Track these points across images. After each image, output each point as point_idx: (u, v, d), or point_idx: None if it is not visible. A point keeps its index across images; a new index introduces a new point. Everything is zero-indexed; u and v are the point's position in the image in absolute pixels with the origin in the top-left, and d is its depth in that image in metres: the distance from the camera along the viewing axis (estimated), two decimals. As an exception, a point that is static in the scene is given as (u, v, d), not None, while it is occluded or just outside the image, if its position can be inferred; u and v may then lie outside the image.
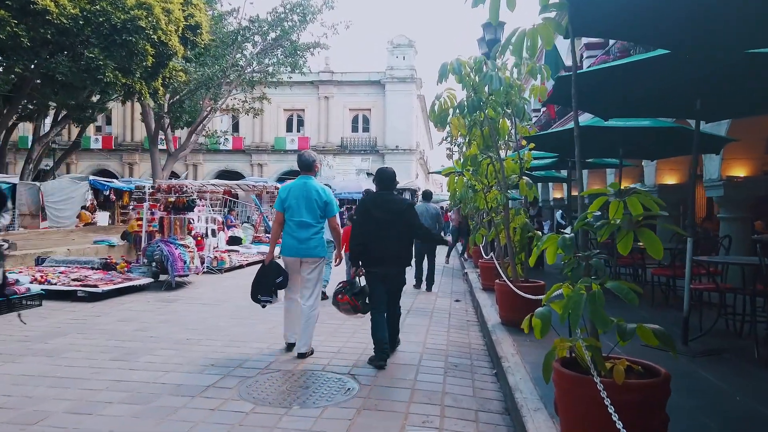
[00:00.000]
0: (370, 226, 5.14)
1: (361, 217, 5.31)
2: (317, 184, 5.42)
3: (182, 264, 9.09)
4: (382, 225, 5.11)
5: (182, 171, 45.70)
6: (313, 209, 5.29)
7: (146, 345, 5.57)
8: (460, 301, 8.99)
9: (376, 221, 5.13)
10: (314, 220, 5.30)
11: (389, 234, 5.12)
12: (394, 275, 5.29)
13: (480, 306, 7.61)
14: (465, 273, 12.02)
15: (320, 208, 5.32)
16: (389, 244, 5.12)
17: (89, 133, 46.88)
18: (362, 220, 5.25)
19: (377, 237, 5.10)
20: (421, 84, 47.03)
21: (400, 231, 5.18)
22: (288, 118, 46.26)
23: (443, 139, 9.39)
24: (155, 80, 14.04)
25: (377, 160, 44.38)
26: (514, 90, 5.66)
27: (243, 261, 12.78)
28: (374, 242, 5.10)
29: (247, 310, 7.46)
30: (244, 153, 45.48)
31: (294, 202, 5.28)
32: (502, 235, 6.26)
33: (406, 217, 5.21)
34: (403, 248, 5.29)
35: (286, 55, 21.90)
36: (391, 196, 5.33)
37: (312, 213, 5.29)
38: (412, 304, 8.42)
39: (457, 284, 11.27)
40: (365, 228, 5.17)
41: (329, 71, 45.41)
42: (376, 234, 5.10)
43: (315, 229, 5.30)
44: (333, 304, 5.35)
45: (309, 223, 5.27)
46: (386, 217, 5.13)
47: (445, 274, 13.01)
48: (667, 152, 8.71)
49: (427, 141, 64.57)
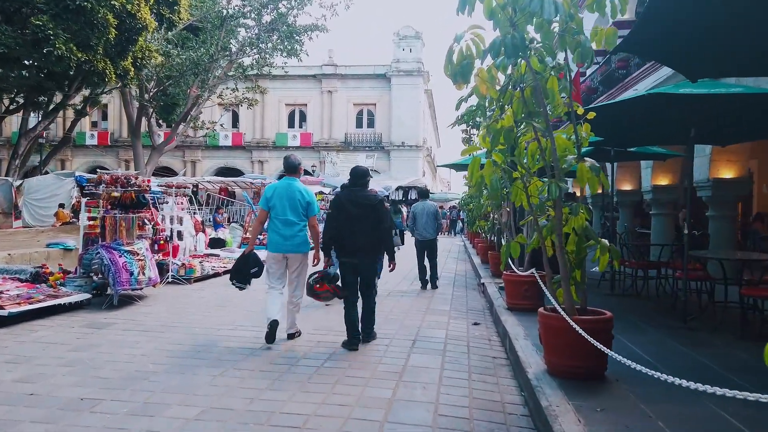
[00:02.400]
0: (344, 219, 5.50)
1: (335, 210, 5.64)
2: (301, 186, 5.83)
3: (128, 276, 7.19)
4: (355, 218, 5.47)
5: (180, 168, 44.02)
6: (297, 208, 5.69)
7: (5, 416, 3.64)
8: (480, 325, 7.04)
9: (350, 215, 5.48)
10: (298, 219, 5.70)
11: (362, 226, 5.47)
12: (366, 265, 5.63)
13: (510, 337, 5.65)
14: (482, 284, 10.05)
15: (303, 208, 5.73)
16: (362, 236, 5.47)
17: (84, 128, 45.31)
18: (336, 214, 5.59)
19: (351, 229, 5.46)
20: (429, 77, 45.01)
21: (372, 224, 5.51)
22: (290, 113, 44.43)
23: (458, 119, 7.42)
24: (123, 59, 12.17)
25: (382, 156, 42.48)
26: (576, 23, 3.70)
27: (220, 268, 10.86)
28: (347, 234, 5.48)
29: (198, 342, 5.55)
30: (245, 149, 43.71)
31: (279, 201, 5.68)
32: (549, 242, 4.29)
33: (377, 211, 5.53)
34: (375, 240, 5.58)
35: (282, 39, 19.97)
36: (363, 191, 5.64)
37: (296, 212, 5.69)
38: (418, 329, 6.49)
39: (472, 297, 9.31)
40: (339, 221, 5.53)
41: (333, 64, 43.50)
42: (350, 226, 5.47)
43: (299, 227, 5.71)
44: (309, 294, 5.69)
45: (293, 221, 5.67)
46: (359, 211, 5.48)
47: (457, 284, 11.05)
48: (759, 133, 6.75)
49: (435, 138, 62.50)
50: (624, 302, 7.77)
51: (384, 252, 5.89)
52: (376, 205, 5.56)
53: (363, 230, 5.47)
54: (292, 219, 5.65)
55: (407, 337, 6.04)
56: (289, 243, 5.65)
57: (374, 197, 5.65)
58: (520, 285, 6.95)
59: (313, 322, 6.54)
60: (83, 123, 44.28)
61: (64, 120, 38.41)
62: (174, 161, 44.85)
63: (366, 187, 5.74)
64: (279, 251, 5.68)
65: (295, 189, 5.73)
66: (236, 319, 6.75)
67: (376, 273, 6.03)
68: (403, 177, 36.77)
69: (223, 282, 10.01)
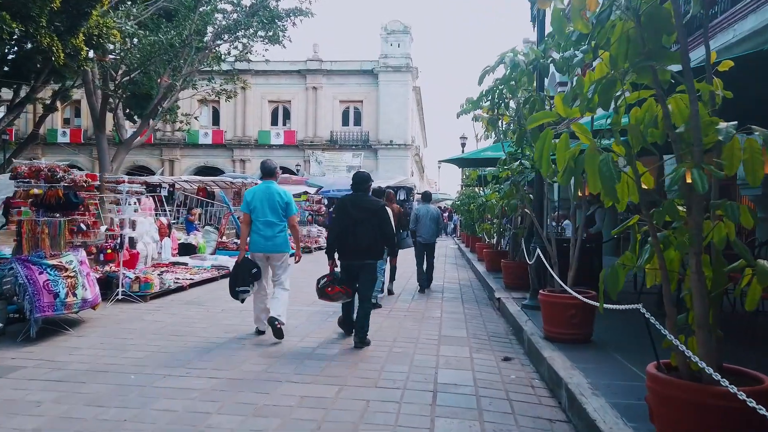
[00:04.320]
0: (348, 222, 5.76)
1: (339, 214, 5.94)
2: (279, 188, 6.12)
3: (51, 298, 5.46)
4: (357, 222, 5.73)
5: (158, 167, 41.93)
6: (276, 209, 5.99)
7: None
8: (513, 360, 5.44)
9: (353, 218, 5.74)
10: (278, 219, 5.99)
11: (364, 230, 5.73)
12: (367, 267, 5.81)
13: (569, 389, 4.05)
14: (497, 299, 8.45)
15: (282, 208, 6.02)
16: (363, 239, 5.73)
17: (57, 125, 43.09)
18: (340, 217, 5.89)
19: (353, 232, 5.72)
20: (418, 74, 43.41)
21: (373, 228, 5.76)
22: (273, 109, 42.56)
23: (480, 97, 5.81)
24: (74, 36, 10.40)
25: (370, 155, 40.81)
26: None
27: (186, 281, 9.13)
28: (350, 237, 5.73)
29: (129, 400, 3.87)
30: (225, 148, 41.78)
31: (259, 204, 5.96)
32: (674, 263, 2.68)
33: (379, 216, 5.81)
34: (376, 243, 5.81)
35: (263, 24, 18.20)
36: (366, 196, 5.98)
37: (275, 213, 5.98)
38: (435, 370, 4.86)
39: (489, 317, 7.70)
40: (343, 224, 5.80)
41: (318, 59, 41.73)
42: (353, 230, 5.72)
43: (279, 227, 6.00)
44: (322, 297, 5.82)
45: (274, 222, 5.96)
46: (362, 215, 5.74)
47: (466, 298, 9.43)
48: None
49: (422, 137, 60.83)
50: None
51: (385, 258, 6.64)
52: (378, 210, 5.85)
53: (365, 234, 5.71)
54: (273, 220, 5.92)
55: (424, 386, 4.41)
56: (270, 243, 5.92)
57: (377, 202, 5.97)
58: (565, 309, 5.35)
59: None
60: (55, 120, 42.14)
61: (35, 116, 36.28)
62: (151, 160, 42.88)
63: (368, 192, 6.07)
64: (261, 251, 5.96)
65: (273, 191, 6.01)
66: (191, 359, 5.07)
67: (376, 277, 6.21)
68: (391, 177, 35.08)
69: (187, 299, 8.30)
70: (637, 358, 4.80)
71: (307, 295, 8.26)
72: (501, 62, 5.55)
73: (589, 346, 5.34)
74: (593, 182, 2.39)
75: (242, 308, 7.45)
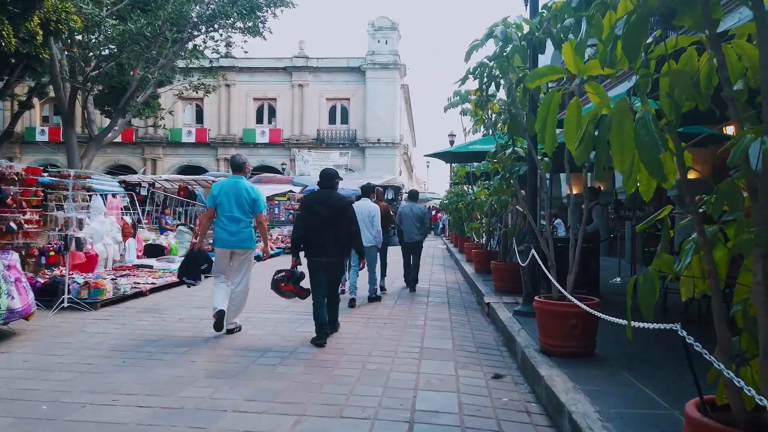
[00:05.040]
0: (313, 220, 5.64)
1: (304, 212, 5.81)
2: (247, 183, 6.00)
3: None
4: (323, 219, 5.60)
5: (139, 166, 40.87)
6: (243, 205, 5.84)
7: None
8: (503, 378, 4.71)
9: (319, 216, 5.62)
10: (244, 215, 5.86)
11: (330, 227, 5.61)
12: (334, 264, 5.74)
13: (572, 419, 3.32)
14: (487, 304, 7.73)
15: (249, 205, 5.88)
16: (330, 237, 5.60)
17: (35, 123, 41.85)
18: (306, 215, 5.75)
19: (319, 230, 5.60)
20: (406, 71, 42.61)
21: (339, 225, 5.66)
22: (258, 107, 41.63)
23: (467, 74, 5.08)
24: (28, 20, 9.55)
25: (357, 154, 40.01)
26: None
27: (146, 285, 8.32)
28: (316, 234, 5.60)
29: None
30: (209, 146, 40.79)
31: (225, 199, 5.82)
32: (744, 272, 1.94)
33: (345, 214, 5.72)
34: (341, 241, 5.72)
35: (242, 15, 17.35)
36: (332, 193, 5.79)
37: (241, 209, 5.84)
38: (414, 392, 4.11)
39: (478, 324, 6.97)
40: (309, 222, 5.67)
41: (304, 56, 40.85)
42: (319, 227, 5.60)
43: (245, 223, 5.87)
44: (274, 289, 5.83)
45: (239, 218, 5.83)
46: (328, 212, 5.61)
47: (453, 301, 8.70)
48: None
49: (411, 137, 60.02)
50: None
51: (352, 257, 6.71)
52: (344, 207, 5.75)
53: (330, 232, 5.60)
54: (238, 216, 5.81)
55: (399, 415, 3.66)
56: (234, 239, 5.81)
57: (342, 199, 5.86)
58: (565, 318, 4.63)
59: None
60: (33, 118, 40.95)
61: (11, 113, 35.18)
62: (133, 159, 41.88)
63: (335, 189, 5.86)
64: (225, 247, 5.84)
65: (241, 186, 5.88)
66: (125, 382, 4.28)
67: (343, 272, 6.23)
68: (379, 176, 34.27)
69: (144, 306, 7.51)
70: (650, 376, 4.09)
71: (277, 301, 7.51)
72: (491, 36, 4.82)
73: (593, 361, 4.62)
74: (623, 154, 1.66)
75: (202, 317, 6.67)
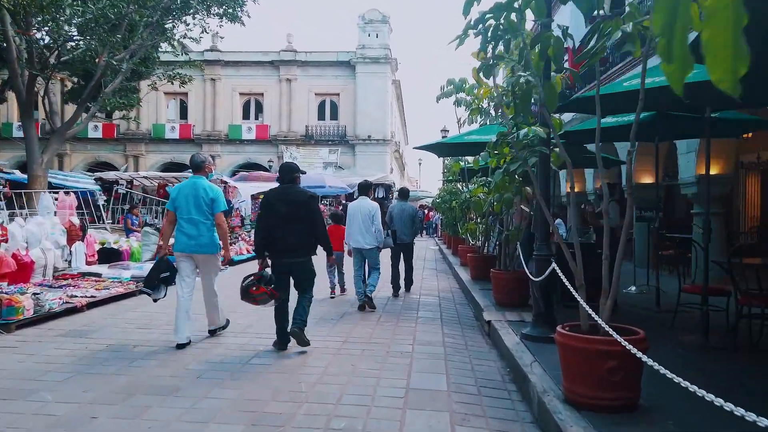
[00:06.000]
0: (273, 218, 5.30)
1: (264, 210, 5.48)
2: (206, 183, 5.67)
3: None
4: (284, 217, 5.25)
5: (121, 163, 39.32)
6: (201, 206, 5.52)
7: None
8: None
9: (278, 214, 5.27)
10: (203, 217, 5.53)
11: (292, 225, 5.26)
12: (299, 264, 5.38)
13: None
14: (488, 322, 6.47)
15: (207, 205, 5.54)
16: (291, 236, 5.26)
17: (12, 119, 40.19)
18: (266, 213, 5.41)
19: (281, 229, 5.26)
20: (397, 66, 41.31)
21: (302, 222, 5.29)
22: (244, 102, 40.18)
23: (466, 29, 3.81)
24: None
25: (347, 151, 38.67)
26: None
27: (81, 300, 6.99)
28: (278, 233, 5.28)
29: None
30: (194, 143, 39.27)
31: (183, 201, 5.52)
32: None
33: (306, 209, 5.32)
34: (305, 238, 5.35)
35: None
36: (292, 188, 5.42)
37: (200, 210, 5.52)
38: None
39: (477, 351, 5.71)
40: (269, 221, 5.33)
41: (292, 50, 39.45)
42: (280, 226, 5.26)
43: (205, 226, 5.53)
44: (245, 299, 5.31)
45: (198, 220, 5.50)
46: (288, 209, 5.26)
47: (447, 316, 7.43)
48: None
49: (403, 134, 58.62)
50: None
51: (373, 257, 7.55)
52: (306, 202, 5.37)
53: (293, 230, 5.29)
54: (197, 218, 5.52)
55: None
56: (194, 242, 5.51)
57: (303, 194, 5.46)
58: (600, 359, 3.37)
59: None
60: (10, 113, 39.32)
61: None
62: (114, 156, 40.40)
63: (295, 183, 5.51)
64: (184, 251, 5.55)
65: (199, 186, 5.60)
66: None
67: (312, 274, 5.55)
68: (370, 173, 33.01)
69: (73, 326, 6.21)
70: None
71: (235, 322, 6.23)
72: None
73: (638, 417, 3.39)
74: None
75: (138, 341, 5.40)
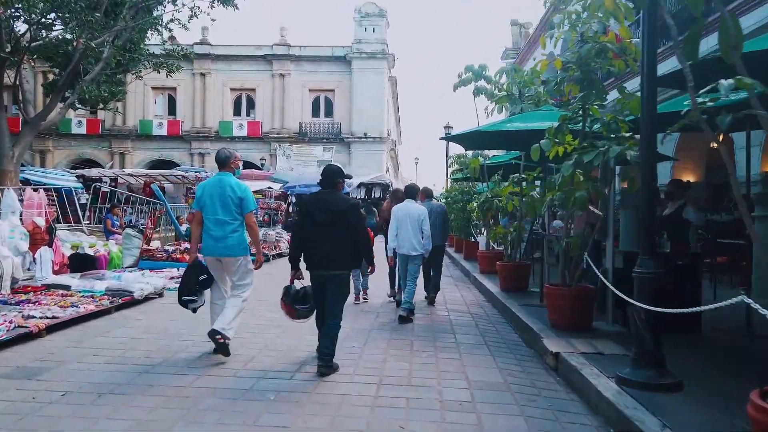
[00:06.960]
0: (310, 227, 4.94)
1: (301, 217, 5.20)
2: (233, 181, 5.33)
3: None
4: (321, 226, 4.86)
5: (106, 160, 37.69)
6: (228, 206, 5.20)
7: None
8: None
9: (315, 221, 4.88)
10: (230, 218, 5.20)
11: (329, 235, 4.85)
12: (333, 278, 4.86)
13: None
14: (554, 355, 5.14)
15: (236, 205, 5.21)
16: (329, 246, 4.83)
17: (-8, 114, 38.49)
18: (302, 222, 5.10)
19: (317, 238, 4.88)
20: (394, 62, 39.98)
21: (340, 232, 4.85)
22: (236, 98, 38.65)
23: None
24: None
25: (342, 149, 37.27)
26: None
27: (39, 324, 5.56)
28: (314, 243, 4.89)
29: None
30: (183, 140, 37.77)
31: (209, 200, 5.20)
32: None
33: (347, 218, 4.85)
34: (343, 249, 4.86)
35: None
36: (332, 194, 4.98)
37: (227, 210, 5.20)
38: None
39: (554, 400, 4.39)
40: (305, 229, 4.97)
41: (285, 44, 37.98)
42: (316, 235, 4.89)
43: (232, 227, 5.19)
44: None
45: (225, 221, 5.18)
46: (326, 218, 4.83)
47: (490, 339, 6.08)
48: None
49: (397, 134, 57.28)
50: None
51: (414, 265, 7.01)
52: (345, 211, 4.87)
53: (331, 239, 4.81)
54: (224, 218, 5.16)
55: None
56: (220, 245, 5.16)
57: (342, 202, 4.95)
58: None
59: None
60: (-11, 107, 37.57)
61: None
62: (99, 153, 38.74)
63: (336, 189, 5.01)
64: (211, 254, 5.22)
65: (226, 185, 5.21)
66: None
67: (345, 290, 4.95)
68: (366, 173, 31.72)
69: (23, 360, 4.80)
70: None
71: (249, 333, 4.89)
72: None
73: None
74: None
75: (105, 387, 4.01)
